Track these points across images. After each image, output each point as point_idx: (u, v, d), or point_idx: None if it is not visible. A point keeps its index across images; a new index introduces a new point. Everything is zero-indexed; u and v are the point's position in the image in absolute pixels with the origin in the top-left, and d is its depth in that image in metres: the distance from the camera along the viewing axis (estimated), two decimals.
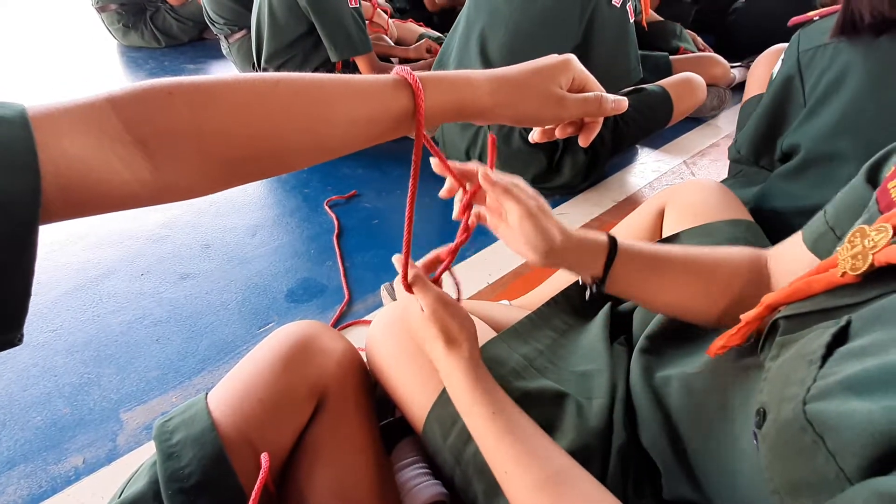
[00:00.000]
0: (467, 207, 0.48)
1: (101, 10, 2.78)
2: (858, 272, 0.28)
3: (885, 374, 0.23)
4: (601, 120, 0.44)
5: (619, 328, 0.59)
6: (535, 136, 0.47)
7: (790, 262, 0.44)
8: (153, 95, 0.30)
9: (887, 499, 0.19)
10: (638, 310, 0.59)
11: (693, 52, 1.91)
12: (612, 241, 0.47)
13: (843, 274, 0.28)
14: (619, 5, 1.13)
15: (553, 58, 0.41)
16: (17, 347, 0.27)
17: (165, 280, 1.16)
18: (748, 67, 2.09)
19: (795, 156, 0.76)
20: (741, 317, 0.35)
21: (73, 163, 0.26)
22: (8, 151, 0.24)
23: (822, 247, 0.41)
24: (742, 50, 2.06)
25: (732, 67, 1.88)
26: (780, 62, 0.87)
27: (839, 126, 0.69)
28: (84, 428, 0.85)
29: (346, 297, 1.08)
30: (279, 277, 1.16)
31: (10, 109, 0.25)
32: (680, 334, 0.52)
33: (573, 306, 0.64)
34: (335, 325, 1.03)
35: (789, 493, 0.26)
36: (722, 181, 1.04)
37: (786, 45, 1.01)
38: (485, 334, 0.57)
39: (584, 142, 0.44)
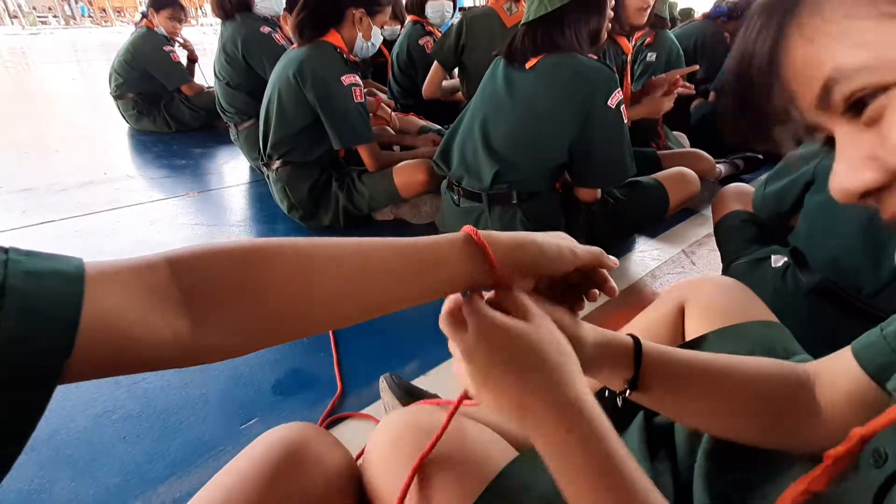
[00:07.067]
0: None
1: (118, 98, 2.94)
2: None
3: None
4: (610, 280, 0.46)
5: (657, 442, 0.53)
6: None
7: (839, 376, 0.41)
8: (208, 250, 0.31)
9: None
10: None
11: (672, 149, 1.99)
12: (636, 340, 0.45)
13: None
14: (613, 107, 1.19)
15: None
16: None
17: None
18: (731, 163, 2.20)
19: None
20: (825, 455, 0.30)
21: (111, 316, 0.26)
22: (53, 305, 0.24)
23: (885, 372, 0.37)
24: (719, 146, 2.16)
25: (717, 163, 1.97)
26: None
27: None
28: None
29: (339, 389, 1.00)
30: (266, 367, 1.08)
31: (69, 265, 0.26)
32: (747, 452, 0.46)
33: None
34: (326, 418, 0.94)
35: None
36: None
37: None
38: (501, 451, 0.50)
39: (612, 292, 0.46)
